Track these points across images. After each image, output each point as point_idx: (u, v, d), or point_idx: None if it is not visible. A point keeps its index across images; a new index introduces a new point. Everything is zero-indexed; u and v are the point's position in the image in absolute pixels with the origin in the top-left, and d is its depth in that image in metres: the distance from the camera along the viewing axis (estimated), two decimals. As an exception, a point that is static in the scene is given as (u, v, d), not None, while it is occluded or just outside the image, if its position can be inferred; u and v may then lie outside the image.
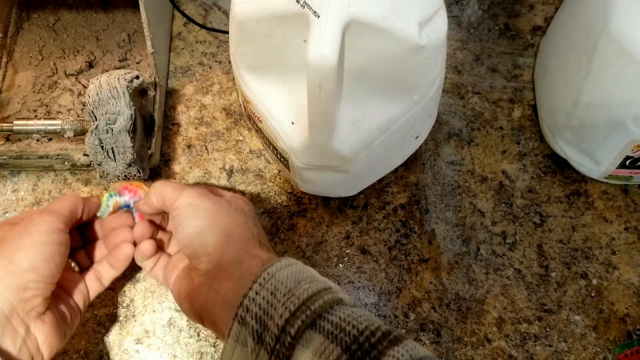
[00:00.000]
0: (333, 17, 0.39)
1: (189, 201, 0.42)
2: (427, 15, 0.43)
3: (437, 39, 0.44)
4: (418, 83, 0.46)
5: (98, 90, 0.52)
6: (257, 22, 0.44)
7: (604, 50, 0.47)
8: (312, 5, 0.39)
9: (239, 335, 0.36)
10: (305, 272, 0.37)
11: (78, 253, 0.48)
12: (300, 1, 0.40)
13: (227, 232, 0.41)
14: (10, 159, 0.57)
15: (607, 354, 0.52)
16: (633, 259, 0.55)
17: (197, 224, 0.41)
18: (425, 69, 0.45)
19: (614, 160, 0.53)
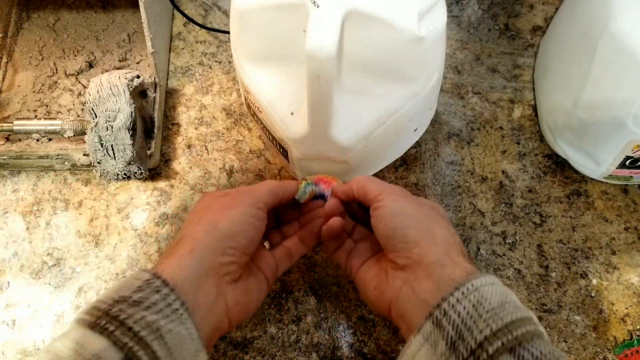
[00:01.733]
0: (332, 7, 0.39)
1: (394, 197, 0.43)
2: (426, 6, 0.43)
3: (436, 30, 0.44)
4: (417, 74, 0.47)
5: (99, 88, 0.52)
6: (258, 11, 0.44)
7: (604, 50, 0.47)
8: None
9: (430, 336, 0.36)
10: (510, 296, 0.37)
11: (272, 233, 0.49)
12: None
13: (430, 233, 0.41)
14: (11, 159, 0.57)
15: (607, 353, 0.52)
16: (633, 259, 0.55)
17: (402, 220, 0.42)
18: (424, 60, 0.45)
19: (614, 160, 0.53)
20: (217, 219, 0.42)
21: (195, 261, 0.39)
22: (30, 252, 0.56)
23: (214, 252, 0.40)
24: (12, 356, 0.53)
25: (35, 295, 0.55)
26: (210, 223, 0.42)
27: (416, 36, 0.42)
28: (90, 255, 0.56)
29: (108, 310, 0.35)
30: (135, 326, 0.35)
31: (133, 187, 0.59)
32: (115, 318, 0.35)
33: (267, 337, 0.53)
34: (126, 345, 0.34)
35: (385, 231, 0.42)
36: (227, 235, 0.41)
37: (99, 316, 0.35)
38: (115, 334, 0.34)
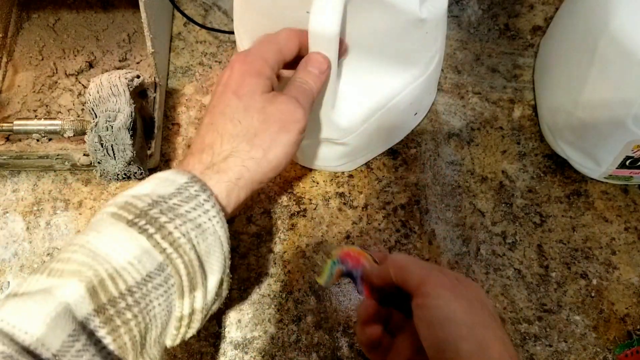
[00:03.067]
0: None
1: (440, 291, 0.37)
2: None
3: (437, 13, 0.44)
4: (418, 57, 0.47)
5: (99, 88, 0.52)
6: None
7: (605, 50, 0.47)
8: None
9: None
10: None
11: None
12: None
13: (485, 348, 0.35)
14: (11, 159, 0.57)
15: (607, 354, 0.52)
16: (633, 259, 0.55)
17: (453, 330, 0.35)
18: (426, 43, 0.46)
19: (614, 160, 0.53)
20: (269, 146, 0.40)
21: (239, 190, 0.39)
22: (30, 252, 0.56)
23: (254, 182, 0.40)
24: (12, 356, 0.53)
25: (35, 295, 0.55)
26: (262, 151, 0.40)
27: (418, 18, 0.42)
28: (90, 255, 0.56)
29: (148, 210, 0.36)
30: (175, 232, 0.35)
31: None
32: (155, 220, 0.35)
33: (267, 337, 0.53)
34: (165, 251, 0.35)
35: (432, 340, 0.36)
36: (274, 168, 0.40)
37: (138, 214, 0.35)
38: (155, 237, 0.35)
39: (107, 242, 0.34)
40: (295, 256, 0.55)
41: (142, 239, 0.35)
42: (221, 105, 0.41)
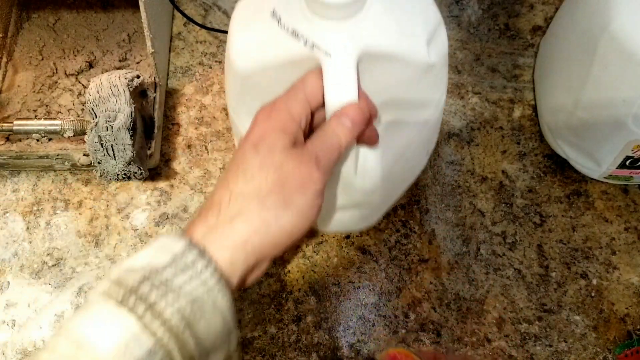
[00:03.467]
0: (345, 52, 0.37)
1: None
2: (431, 31, 0.42)
3: (442, 53, 0.43)
4: (429, 101, 0.45)
5: (99, 88, 0.52)
6: (261, 72, 0.41)
7: (605, 50, 0.47)
8: (322, 45, 0.37)
9: None
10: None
11: None
12: (308, 43, 0.38)
13: None
14: (10, 159, 0.57)
15: (607, 354, 0.52)
16: (633, 259, 0.55)
17: None
18: (435, 86, 0.44)
19: (614, 160, 0.53)
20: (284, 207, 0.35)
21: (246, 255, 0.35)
22: (30, 252, 0.56)
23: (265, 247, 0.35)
24: (11, 356, 0.53)
25: (35, 295, 0.55)
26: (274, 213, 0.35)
27: (427, 64, 0.41)
28: (90, 255, 0.56)
29: (139, 286, 0.32)
30: (167, 310, 0.31)
31: (133, 187, 0.59)
32: (145, 298, 0.31)
33: (267, 337, 0.53)
34: (155, 335, 0.31)
35: None
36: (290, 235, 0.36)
37: (129, 291, 0.32)
38: (145, 318, 0.31)
39: (94, 327, 0.31)
40: (295, 256, 0.55)
41: (132, 321, 0.31)
42: (238, 159, 0.37)
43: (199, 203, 0.58)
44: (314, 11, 0.37)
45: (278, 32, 0.39)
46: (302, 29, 0.38)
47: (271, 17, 0.39)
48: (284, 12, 0.39)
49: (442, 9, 0.65)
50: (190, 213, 0.57)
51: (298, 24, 0.38)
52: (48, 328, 0.54)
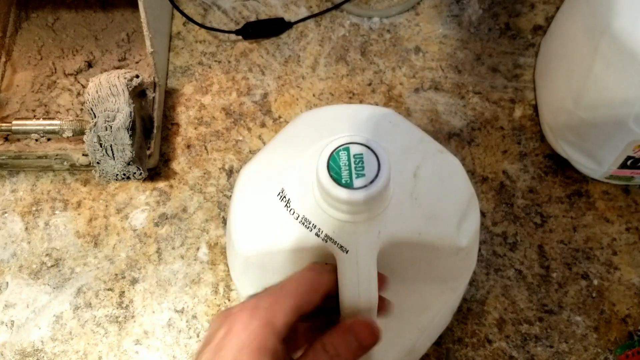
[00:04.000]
0: (363, 250, 0.33)
1: None
2: (462, 210, 0.38)
3: (473, 230, 0.39)
4: (456, 276, 0.42)
5: (97, 87, 0.52)
6: (266, 255, 0.37)
7: (606, 49, 0.47)
8: (337, 239, 0.33)
9: None
10: None
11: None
12: (321, 235, 0.34)
13: None
14: (9, 159, 0.57)
15: (608, 354, 0.52)
16: (634, 259, 0.55)
17: None
18: (464, 263, 0.41)
19: (615, 161, 0.53)
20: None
21: None
22: (29, 252, 0.56)
23: None
24: (10, 357, 0.53)
25: (34, 295, 0.55)
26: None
27: (457, 247, 0.37)
28: (89, 256, 0.56)
29: None
30: None
31: (132, 188, 0.59)
32: None
33: (267, 338, 0.52)
34: None
35: None
36: None
37: None
38: None
39: None
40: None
41: None
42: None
43: (198, 203, 0.58)
44: (329, 204, 0.33)
45: (286, 216, 0.35)
46: (315, 218, 0.34)
47: (278, 198, 0.36)
48: (293, 195, 0.35)
49: (443, 9, 0.65)
50: (189, 213, 0.57)
51: (310, 211, 0.34)
52: (47, 329, 0.53)
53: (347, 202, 0.32)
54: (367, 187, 0.32)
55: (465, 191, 0.39)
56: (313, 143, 0.35)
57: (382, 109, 0.41)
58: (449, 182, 0.39)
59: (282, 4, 0.66)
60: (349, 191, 0.31)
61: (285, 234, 0.35)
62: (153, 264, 0.56)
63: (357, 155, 0.32)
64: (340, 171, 0.32)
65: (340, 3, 0.65)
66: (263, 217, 0.37)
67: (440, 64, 0.63)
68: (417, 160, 0.37)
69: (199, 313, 0.54)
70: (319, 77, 0.63)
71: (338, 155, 0.32)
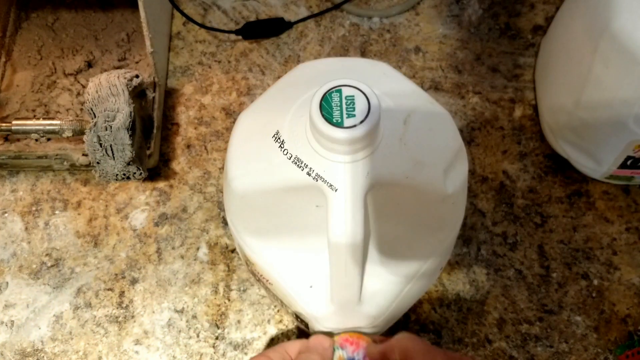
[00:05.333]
0: (352, 189, 0.35)
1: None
2: (450, 158, 0.39)
3: (461, 180, 0.40)
4: (444, 225, 0.42)
5: (97, 87, 0.52)
6: (261, 195, 0.38)
7: (606, 49, 0.47)
8: (327, 178, 0.35)
9: None
10: None
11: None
12: (312, 174, 0.35)
13: None
14: (9, 159, 0.57)
15: (608, 354, 0.52)
16: (634, 259, 0.55)
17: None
18: (452, 211, 0.42)
19: (615, 161, 0.53)
20: None
21: None
22: (29, 252, 0.56)
23: None
24: (10, 357, 0.53)
25: (34, 295, 0.55)
26: None
27: (444, 194, 0.38)
28: (89, 256, 0.56)
29: None
30: None
31: (132, 188, 0.59)
32: None
33: (267, 338, 0.52)
34: None
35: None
36: None
37: None
38: None
39: None
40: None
41: None
42: None
43: (198, 203, 0.58)
44: (320, 143, 0.35)
45: (280, 156, 0.36)
46: (307, 158, 0.35)
47: (273, 139, 0.37)
48: (287, 136, 0.36)
49: (443, 9, 0.65)
50: (189, 213, 0.57)
51: (302, 151, 0.36)
52: (47, 329, 0.53)
53: (337, 140, 0.33)
54: (357, 127, 0.33)
55: (453, 142, 0.40)
56: (308, 90, 0.37)
57: (377, 62, 0.43)
58: (438, 131, 0.40)
59: (282, 4, 0.66)
60: (339, 130, 0.33)
61: (279, 173, 0.37)
62: (153, 264, 0.56)
63: (348, 97, 0.34)
64: (332, 111, 0.34)
65: (340, 3, 0.65)
66: (258, 158, 0.38)
67: (440, 64, 0.63)
68: (408, 108, 0.39)
69: (199, 313, 0.54)
70: (319, 77, 0.63)
71: (330, 96, 0.34)
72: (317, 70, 0.42)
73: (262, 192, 0.38)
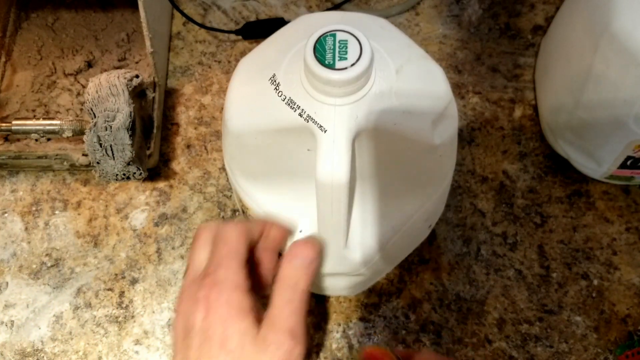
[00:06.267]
0: (341, 131, 0.36)
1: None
2: (439, 111, 0.40)
3: (450, 132, 0.41)
4: (432, 179, 0.43)
5: (97, 87, 0.51)
6: (255, 135, 0.40)
7: (606, 49, 0.47)
8: (317, 120, 0.36)
9: None
10: None
11: None
12: (304, 115, 0.37)
13: None
14: (9, 159, 0.57)
15: (608, 354, 0.52)
16: (634, 259, 0.55)
17: None
18: (439, 165, 0.42)
19: (615, 161, 0.53)
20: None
21: None
22: (28, 252, 0.56)
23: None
24: (10, 357, 0.53)
25: (34, 295, 0.55)
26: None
27: (431, 145, 0.39)
28: (89, 256, 0.56)
29: None
30: None
31: (132, 188, 0.59)
32: None
33: (267, 338, 0.52)
34: None
35: None
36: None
37: None
38: None
39: None
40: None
41: None
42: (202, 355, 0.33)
43: (198, 203, 0.58)
44: (313, 85, 0.36)
45: (275, 98, 0.38)
46: (299, 100, 0.37)
47: (269, 82, 0.38)
48: (283, 79, 0.38)
49: (443, 9, 0.65)
50: (189, 213, 0.57)
51: (296, 93, 0.37)
52: (47, 329, 0.53)
53: (328, 81, 0.35)
54: (347, 70, 0.34)
55: (444, 95, 0.41)
56: (305, 37, 0.37)
57: (376, 17, 0.44)
58: (429, 84, 0.41)
59: (282, 4, 0.66)
60: (331, 71, 0.34)
61: (273, 114, 0.38)
62: (153, 264, 0.56)
63: (342, 41, 0.35)
64: (325, 54, 0.35)
65: (340, 3, 0.65)
66: (255, 100, 0.40)
67: (440, 64, 0.63)
68: (401, 60, 0.39)
69: (198, 313, 0.54)
70: (318, 77, 0.63)
71: (325, 40, 0.35)
72: (318, 21, 0.43)
73: (256, 132, 0.40)
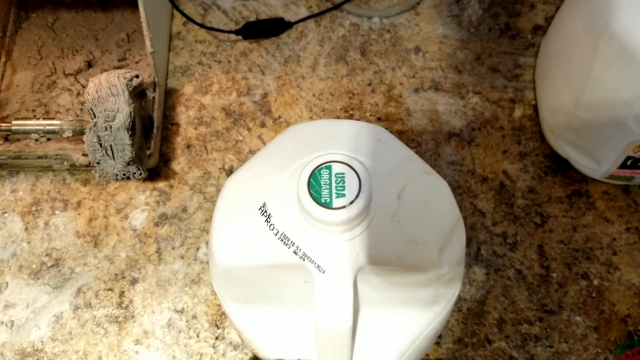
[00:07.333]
0: (341, 271, 0.33)
1: None
2: (445, 235, 0.37)
3: (458, 255, 0.39)
4: (439, 300, 0.40)
5: (97, 87, 0.51)
6: (245, 269, 0.37)
7: (606, 49, 0.47)
8: (314, 258, 0.33)
9: None
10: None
11: None
12: (299, 253, 0.33)
13: None
14: (9, 159, 0.57)
15: (608, 354, 0.52)
16: (634, 259, 0.55)
17: None
18: (447, 286, 0.40)
19: (615, 161, 0.53)
20: None
21: None
22: (28, 252, 0.56)
23: None
24: (10, 357, 0.53)
25: (34, 295, 0.55)
26: None
27: (439, 273, 0.37)
28: (89, 256, 0.56)
29: None
30: None
31: (132, 188, 0.59)
32: None
33: (267, 338, 0.52)
34: None
35: None
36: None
37: None
38: None
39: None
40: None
41: None
42: None
43: (198, 203, 0.58)
44: (308, 221, 0.33)
45: (266, 232, 0.34)
46: (293, 235, 0.34)
47: (259, 212, 0.35)
48: (274, 210, 0.35)
49: (443, 9, 0.65)
50: (189, 213, 0.57)
51: (289, 227, 0.34)
52: (47, 329, 0.53)
53: (325, 222, 0.32)
54: (347, 208, 0.31)
55: (450, 216, 0.38)
56: (298, 158, 0.35)
57: (372, 126, 0.40)
58: (434, 205, 0.38)
59: (282, 4, 0.66)
60: (328, 211, 0.31)
61: (264, 249, 0.35)
62: (153, 264, 0.56)
63: (338, 174, 0.32)
64: (320, 190, 0.32)
65: (340, 3, 0.65)
66: (243, 230, 0.36)
67: (440, 64, 0.63)
68: (402, 181, 0.36)
69: (198, 313, 0.54)
70: (319, 77, 0.63)
71: (320, 173, 0.32)
72: (310, 134, 0.40)
73: (247, 268, 0.36)
